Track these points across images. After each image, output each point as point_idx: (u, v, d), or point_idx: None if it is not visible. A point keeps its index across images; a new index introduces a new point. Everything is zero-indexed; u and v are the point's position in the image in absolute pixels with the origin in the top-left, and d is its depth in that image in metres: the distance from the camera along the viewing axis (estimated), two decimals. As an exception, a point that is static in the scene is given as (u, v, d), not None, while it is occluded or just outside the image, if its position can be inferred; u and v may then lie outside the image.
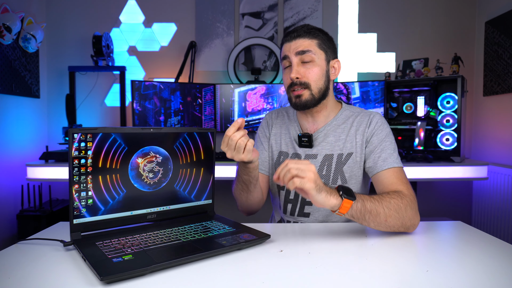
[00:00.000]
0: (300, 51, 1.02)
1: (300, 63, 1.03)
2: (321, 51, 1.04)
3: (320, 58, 1.04)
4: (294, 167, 0.78)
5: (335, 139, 1.08)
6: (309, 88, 1.03)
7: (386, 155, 1.01)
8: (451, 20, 2.71)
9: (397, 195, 0.89)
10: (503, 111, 2.38)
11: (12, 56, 2.25)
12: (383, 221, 0.84)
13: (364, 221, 0.84)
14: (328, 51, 1.06)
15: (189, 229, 0.87)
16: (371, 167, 1.03)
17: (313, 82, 1.03)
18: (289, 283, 0.62)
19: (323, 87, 1.05)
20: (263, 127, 1.23)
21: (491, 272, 0.67)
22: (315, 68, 1.03)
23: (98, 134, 0.81)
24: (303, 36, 1.03)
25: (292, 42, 1.04)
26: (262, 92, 2.52)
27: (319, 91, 1.04)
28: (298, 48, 1.02)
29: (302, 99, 1.04)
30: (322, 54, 1.04)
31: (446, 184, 2.73)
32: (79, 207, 0.80)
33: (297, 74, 1.03)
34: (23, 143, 2.43)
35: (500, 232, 2.27)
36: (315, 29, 1.05)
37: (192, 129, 0.96)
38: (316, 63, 1.03)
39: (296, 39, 1.03)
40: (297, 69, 1.03)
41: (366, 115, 1.09)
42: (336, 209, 0.81)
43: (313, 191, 0.78)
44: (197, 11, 2.71)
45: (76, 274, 0.66)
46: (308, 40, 1.03)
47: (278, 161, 1.15)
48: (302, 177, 0.77)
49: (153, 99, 2.39)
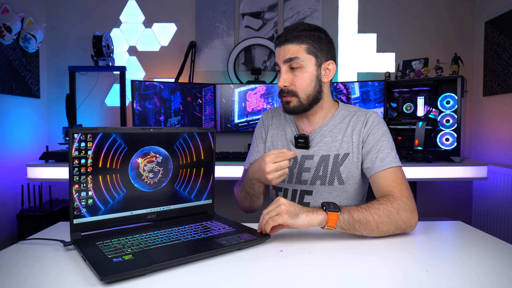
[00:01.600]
0: (288, 59, 1.01)
1: (288, 70, 1.03)
2: (310, 56, 1.02)
3: (309, 63, 1.02)
4: (266, 215, 0.83)
5: (332, 140, 1.08)
6: (296, 95, 1.03)
7: (384, 154, 1.00)
8: (451, 20, 2.71)
9: (386, 200, 0.89)
10: (503, 111, 2.38)
11: (12, 56, 2.25)
12: (375, 228, 0.85)
13: (355, 231, 0.84)
14: (319, 55, 1.02)
15: (189, 229, 0.87)
16: (368, 167, 1.02)
17: (300, 89, 1.02)
18: (289, 283, 0.62)
19: (313, 92, 1.04)
20: (259, 128, 1.22)
21: (491, 272, 0.67)
22: (303, 75, 1.02)
23: (98, 134, 0.81)
24: (291, 41, 1.01)
25: (281, 48, 1.02)
26: (262, 92, 2.52)
27: (308, 97, 1.03)
28: (286, 55, 1.01)
29: (290, 106, 1.04)
30: (312, 59, 1.02)
31: (446, 184, 2.73)
32: (79, 207, 0.80)
33: (284, 83, 1.03)
34: (23, 143, 2.43)
35: (500, 232, 2.27)
36: (305, 31, 1.01)
37: (192, 129, 0.96)
38: (305, 70, 1.01)
39: (284, 44, 1.02)
40: (285, 77, 1.02)
41: (362, 115, 1.08)
42: (324, 224, 0.82)
43: (289, 220, 0.81)
44: (197, 11, 2.71)
45: (76, 274, 0.66)
46: (296, 45, 1.01)
47: None
48: (274, 216, 0.82)
49: (153, 99, 2.39)
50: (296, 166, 1.09)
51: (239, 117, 2.54)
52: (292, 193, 1.10)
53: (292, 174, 1.10)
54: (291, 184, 1.10)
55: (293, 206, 0.82)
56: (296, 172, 1.09)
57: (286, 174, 0.96)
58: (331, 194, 1.07)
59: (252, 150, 1.22)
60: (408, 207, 0.88)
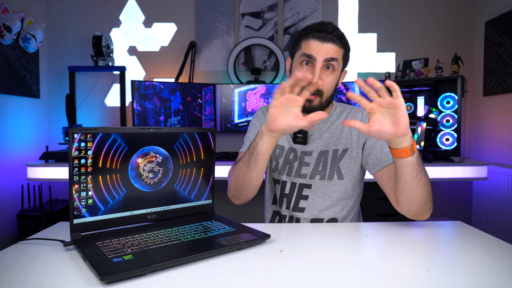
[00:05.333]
0: (330, 58, 0.97)
1: (323, 68, 0.99)
2: (342, 62, 1.02)
3: (339, 68, 1.01)
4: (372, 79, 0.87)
5: (330, 136, 1.09)
6: (321, 96, 1.01)
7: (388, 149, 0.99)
8: (451, 20, 2.71)
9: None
10: (503, 111, 2.38)
11: (12, 56, 2.25)
12: (426, 182, 0.88)
13: (420, 172, 0.86)
14: (346, 61, 1.04)
15: (189, 229, 0.87)
16: (373, 162, 1.03)
17: (326, 90, 1.01)
18: (289, 283, 0.62)
19: (332, 95, 1.04)
20: (259, 117, 1.19)
21: (491, 272, 0.67)
22: (332, 77, 1.00)
23: (98, 134, 0.81)
24: (336, 42, 0.98)
25: (323, 44, 0.97)
26: (262, 92, 2.52)
27: (327, 99, 1.03)
28: (328, 54, 0.97)
29: (312, 105, 1.00)
30: (342, 64, 1.02)
31: (446, 184, 2.73)
32: (79, 207, 0.80)
33: (320, 79, 0.98)
34: (23, 143, 2.43)
35: (500, 232, 2.27)
36: (343, 36, 1.01)
37: (192, 129, 0.96)
38: (335, 73, 1.01)
39: (328, 42, 0.97)
40: (321, 74, 0.98)
41: (359, 111, 1.10)
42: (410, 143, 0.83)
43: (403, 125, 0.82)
44: (197, 11, 2.71)
45: (76, 274, 0.66)
46: (338, 48, 0.99)
47: (273, 154, 1.14)
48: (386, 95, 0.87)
49: (153, 99, 2.39)
50: (296, 160, 1.10)
51: (239, 117, 2.54)
52: (291, 186, 1.11)
53: (292, 167, 1.10)
54: (290, 177, 1.11)
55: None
56: (296, 166, 1.10)
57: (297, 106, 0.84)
58: (330, 189, 1.07)
59: (249, 134, 1.17)
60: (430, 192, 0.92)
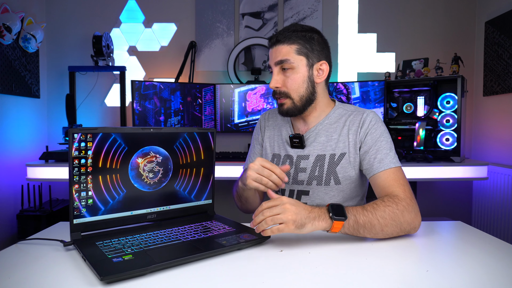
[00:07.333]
0: (279, 61, 1.01)
1: (280, 71, 1.02)
2: (301, 56, 1.01)
3: (300, 64, 1.01)
4: (267, 212, 0.79)
5: (327, 139, 1.06)
6: (290, 97, 1.02)
7: (382, 155, 0.98)
8: (451, 20, 2.71)
9: (392, 201, 0.87)
10: (503, 111, 2.38)
11: (12, 56, 2.25)
12: (380, 231, 0.84)
13: (359, 234, 0.84)
14: (310, 55, 1.01)
15: (189, 229, 0.87)
16: (367, 169, 1.01)
17: (292, 91, 1.02)
18: (289, 283, 0.62)
19: (305, 93, 1.03)
20: (256, 130, 1.24)
21: (491, 272, 0.67)
22: (294, 76, 1.01)
23: (98, 134, 0.81)
24: (282, 41, 1.00)
25: (273, 49, 1.03)
26: (262, 92, 2.52)
27: (301, 98, 1.03)
28: (277, 57, 1.01)
29: (284, 108, 1.04)
30: (303, 59, 1.01)
31: (446, 184, 2.73)
32: (79, 207, 0.80)
33: (276, 84, 1.02)
34: (23, 143, 2.43)
35: (500, 232, 2.27)
36: (297, 31, 1.01)
37: (192, 129, 0.96)
38: (296, 71, 1.01)
39: (276, 45, 1.02)
40: (276, 78, 1.02)
41: (359, 114, 1.06)
42: (328, 229, 0.82)
43: (296, 231, 0.78)
44: (197, 11, 2.71)
45: (76, 274, 0.66)
46: (287, 46, 1.00)
47: None
48: (276, 215, 0.77)
49: (153, 99, 2.39)
50: (292, 167, 1.09)
51: (239, 117, 2.54)
52: (289, 193, 1.10)
53: (289, 174, 1.09)
54: (288, 184, 1.10)
55: (299, 214, 0.78)
56: (292, 173, 1.09)
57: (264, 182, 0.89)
58: (327, 194, 1.06)
59: (250, 152, 1.24)
60: (412, 208, 0.87)
